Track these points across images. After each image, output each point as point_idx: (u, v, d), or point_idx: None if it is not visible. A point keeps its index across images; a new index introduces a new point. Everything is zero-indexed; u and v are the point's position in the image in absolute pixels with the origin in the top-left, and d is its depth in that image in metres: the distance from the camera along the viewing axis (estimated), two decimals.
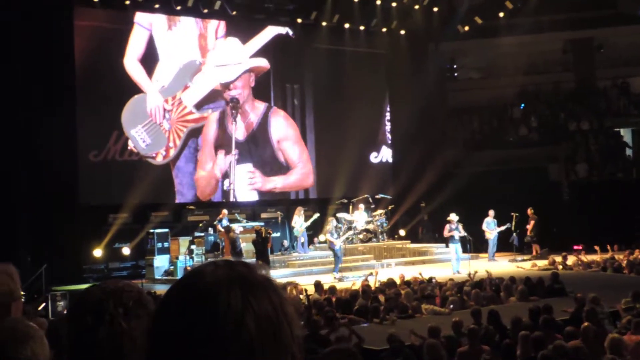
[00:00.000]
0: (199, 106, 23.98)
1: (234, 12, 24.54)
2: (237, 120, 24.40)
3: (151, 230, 21.39)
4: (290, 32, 25.88)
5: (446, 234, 21.26)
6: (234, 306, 1.32)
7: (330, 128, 26.76)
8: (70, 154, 21.18)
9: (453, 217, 21.20)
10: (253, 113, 24.97)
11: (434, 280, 16.18)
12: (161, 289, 17.59)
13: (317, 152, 26.66)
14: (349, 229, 23.97)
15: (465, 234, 21.48)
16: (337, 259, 20.23)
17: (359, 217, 24.30)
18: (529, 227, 23.89)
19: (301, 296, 14.13)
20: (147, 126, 22.87)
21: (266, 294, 1.37)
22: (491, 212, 23.43)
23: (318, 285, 15.35)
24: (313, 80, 26.75)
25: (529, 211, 24.04)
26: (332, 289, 14.84)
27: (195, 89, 23.90)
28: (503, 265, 21.38)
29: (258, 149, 24.92)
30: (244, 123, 24.69)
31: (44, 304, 15.90)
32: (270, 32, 25.45)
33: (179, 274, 20.32)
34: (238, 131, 24.38)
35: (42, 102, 20.01)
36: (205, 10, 23.91)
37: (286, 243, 23.74)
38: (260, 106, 25.18)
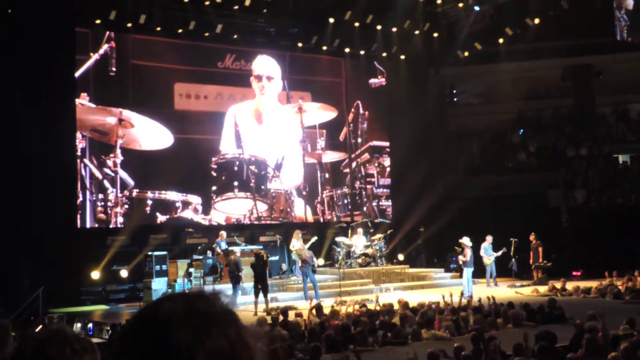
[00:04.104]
0: None
1: (235, 36, 24.68)
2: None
3: (149, 253, 21.27)
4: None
5: (466, 258, 20.99)
6: (185, 342, 1.34)
7: None
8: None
9: (468, 241, 21.05)
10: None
11: (434, 306, 16.10)
12: None
13: None
14: (348, 253, 23.94)
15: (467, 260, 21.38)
16: (314, 284, 20.11)
17: (358, 242, 24.27)
18: (540, 255, 23.83)
19: (300, 319, 14.05)
20: None
21: (221, 329, 1.38)
22: (489, 238, 23.38)
23: (319, 309, 15.27)
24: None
25: (532, 237, 24.02)
26: (334, 313, 14.74)
27: None
28: (502, 291, 21.30)
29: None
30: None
31: (40, 327, 15.84)
32: None
33: None
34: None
35: (43, 119, 20.05)
36: (207, 34, 24.05)
37: (284, 267, 23.66)
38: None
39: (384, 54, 28.06)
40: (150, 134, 23.11)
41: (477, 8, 26.64)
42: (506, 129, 31.25)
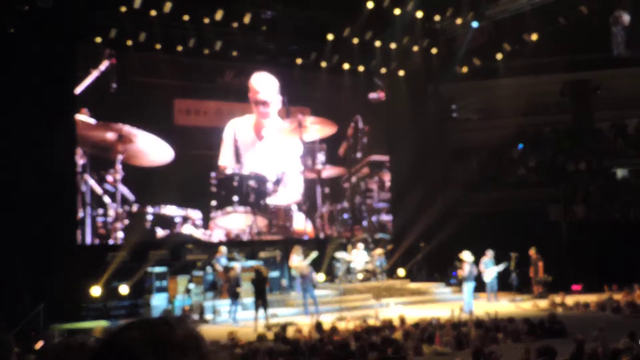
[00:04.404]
0: None
1: (235, 53, 24.79)
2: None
3: (149, 269, 21.31)
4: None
5: (465, 273, 20.96)
6: None
7: None
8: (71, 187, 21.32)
9: (468, 256, 21.02)
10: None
11: (434, 321, 16.11)
12: None
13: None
14: (348, 269, 23.93)
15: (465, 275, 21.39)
16: (314, 299, 20.14)
17: (358, 257, 24.26)
18: (540, 269, 23.84)
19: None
20: None
21: (183, 354, 1.44)
22: (489, 253, 23.39)
23: (319, 326, 15.27)
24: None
25: (532, 252, 24.01)
26: (334, 329, 14.74)
27: None
28: (503, 306, 21.30)
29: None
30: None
31: (41, 342, 15.83)
32: None
33: (177, 313, 20.24)
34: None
35: (44, 136, 20.11)
36: (207, 51, 24.16)
37: (284, 282, 23.63)
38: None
39: (383, 70, 28.17)
40: (150, 150, 23.18)
41: (475, 24, 26.77)
42: (505, 145, 31.30)
